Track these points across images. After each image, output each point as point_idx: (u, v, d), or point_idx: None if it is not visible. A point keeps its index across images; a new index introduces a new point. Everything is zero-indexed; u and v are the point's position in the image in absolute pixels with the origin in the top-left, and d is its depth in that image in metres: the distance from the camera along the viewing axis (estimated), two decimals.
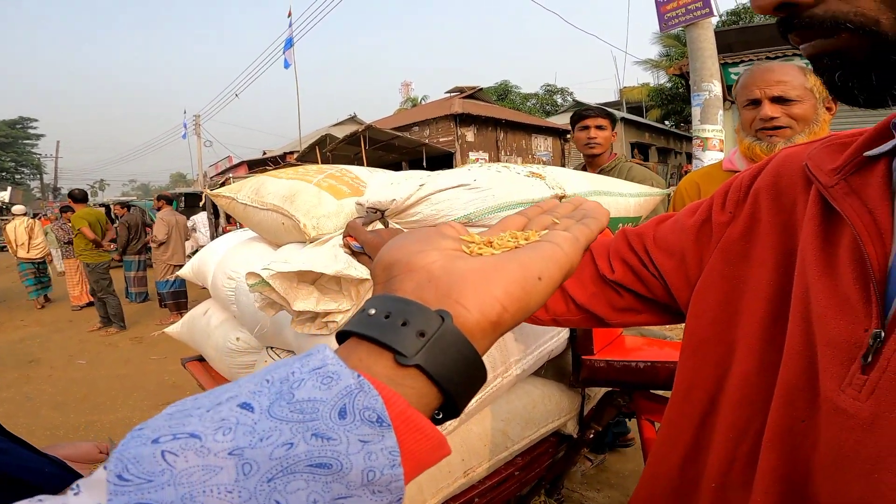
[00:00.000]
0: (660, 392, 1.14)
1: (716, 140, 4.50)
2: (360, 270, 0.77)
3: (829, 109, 1.27)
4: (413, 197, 0.86)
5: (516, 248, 0.31)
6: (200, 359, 1.83)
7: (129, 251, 6.48)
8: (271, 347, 1.46)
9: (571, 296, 0.65)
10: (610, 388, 1.20)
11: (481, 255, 0.30)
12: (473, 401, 1.00)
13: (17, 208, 7.67)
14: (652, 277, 0.59)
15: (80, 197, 5.87)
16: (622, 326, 0.68)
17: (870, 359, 0.36)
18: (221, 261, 1.60)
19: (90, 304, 6.45)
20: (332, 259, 0.76)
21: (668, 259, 0.58)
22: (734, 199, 0.54)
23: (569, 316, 0.67)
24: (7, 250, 8.20)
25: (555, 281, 0.29)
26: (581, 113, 2.20)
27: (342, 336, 0.27)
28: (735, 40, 7.35)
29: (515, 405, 1.14)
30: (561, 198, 1.05)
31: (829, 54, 0.35)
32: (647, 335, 1.33)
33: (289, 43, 14.11)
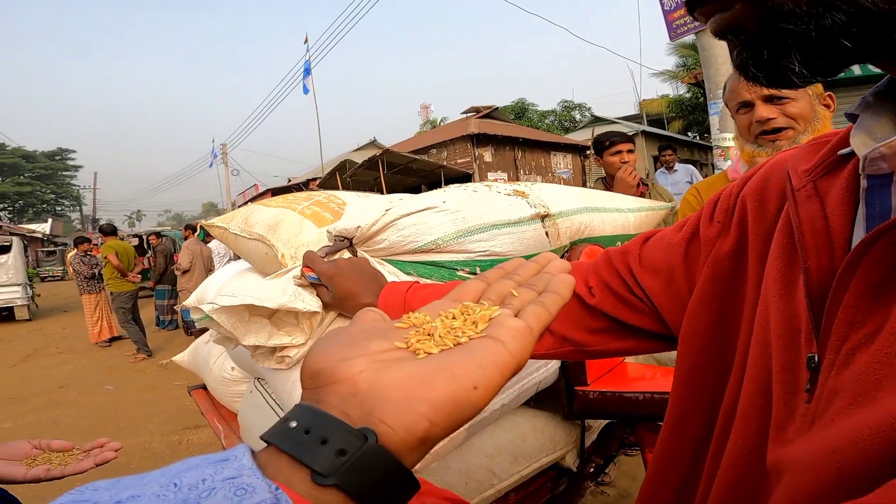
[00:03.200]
0: None
1: (737, 148, 4.36)
2: (307, 303, 0.73)
3: (827, 107, 1.19)
4: (378, 223, 0.82)
5: (457, 344, 0.29)
6: (205, 386, 1.85)
7: (164, 280, 6.72)
8: (258, 379, 1.44)
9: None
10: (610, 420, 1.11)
11: (417, 352, 0.29)
12: (446, 440, 0.93)
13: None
14: (639, 302, 0.55)
15: (108, 230, 6.25)
16: (604, 355, 0.61)
17: (808, 386, 0.34)
18: (220, 290, 1.60)
19: (114, 339, 6.64)
20: (280, 292, 0.73)
21: (655, 279, 0.54)
22: (723, 209, 0.49)
23: (542, 350, 0.62)
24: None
25: (494, 387, 0.27)
26: (611, 139, 2.37)
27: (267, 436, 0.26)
28: None
29: (501, 439, 1.07)
30: (543, 217, 0.99)
31: (731, 29, 0.31)
32: (660, 361, 1.24)
33: (306, 68, 14.55)
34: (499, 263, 0.97)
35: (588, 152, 14.36)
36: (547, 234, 0.99)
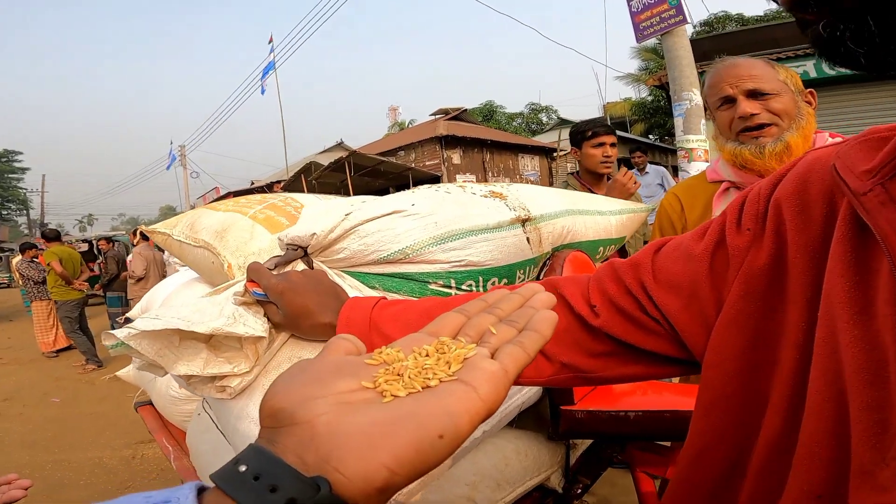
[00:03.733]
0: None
1: (700, 150, 4.44)
2: (250, 326, 0.61)
3: (808, 104, 1.15)
4: (337, 229, 0.71)
5: (426, 388, 0.28)
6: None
7: (116, 287, 6.43)
8: (206, 399, 1.31)
9: (543, 350, 0.52)
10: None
11: (384, 394, 0.28)
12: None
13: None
14: (653, 323, 0.49)
15: (51, 236, 5.96)
16: (609, 381, 0.55)
17: None
18: (164, 303, 1.47)
19: (66, 348, 6.32)
20: (216, 313, 0.61)
21: (673, 297, 0.47)
22: (752, 213, 0.44)
23: (539, 379, 0.55)
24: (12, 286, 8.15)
25: (461, 436, 0.26)
26: (594, 129, 2.10)
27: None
28: (709, 48, 7.42)
29: (484, 465, 0.97)
30: (524, 221, 0.90)
31: None
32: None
33: (269, 68, 14.18)
34: (475, 274, 0.88)
35: (555, 154, 14.54)
36: (528, 239, 0.90)
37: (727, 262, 0.44)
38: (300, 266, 0.75)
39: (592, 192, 2.10)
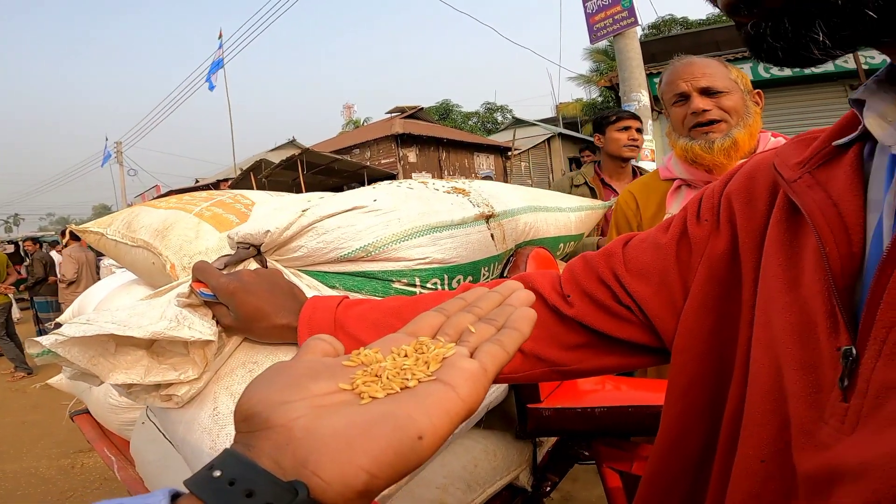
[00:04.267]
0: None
1: (647, 150, 4.62)
2: (196, 329, 0.55)
3: (756, 104, 1.21)
4: (293, 226, 0.66)
5: (405, 388, 0.28)
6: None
7: (44, 291, 5.99)
8: (150, 407, 1.22)
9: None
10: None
11: (362, 395, 0.27)
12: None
13: None
14: (626, 311, 0.51)
15: None
16: (583, 374, 0.56)
17: (846, 382, 0.31)
18: (98, 307, 1.35)
19: None
20: (157, 316, 0.55)
21: (644, 285, 0.50)
22: (708, 206, 0.48)
23: (512, 374, 0.54)
24: None
25: (441, 436, 0.26)
26: (618, 114, 2.12)
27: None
28: (658, 50, 7.78)
29: (454, 467, 0.95)
30: (488, 218, 0.88)
31: (746, 1, 0.31)
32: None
33: (218, 64, 13.55)
34: (440, 272, 0.86)
35: (509, 153, 14.76)
36: (493, 236, 0.88)
37: (690, 251, 0.48)
38: (252, 265, 0.70)
39: (608, 185, 2.12)
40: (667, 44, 8.24)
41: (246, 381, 0.67)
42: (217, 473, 0.24)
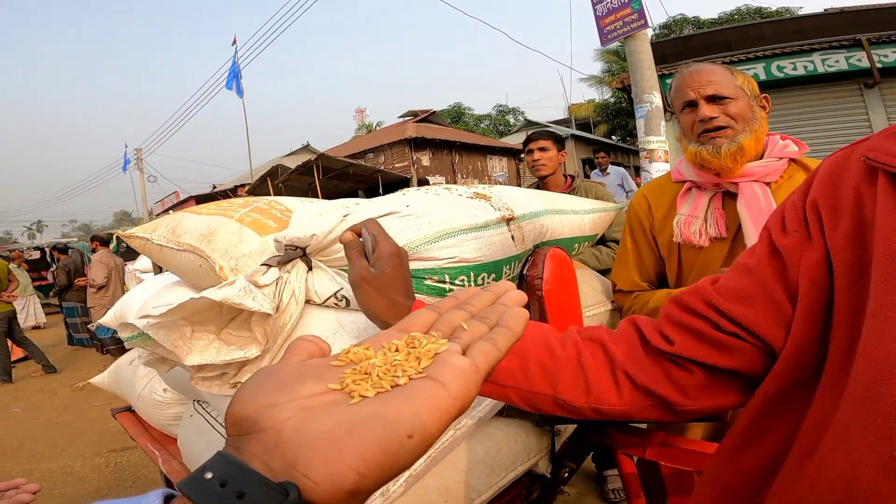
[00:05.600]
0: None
1: (661, 151, 4.63)
2: (258, 301, 0.63)
3: (762, 108, 1.25)
4: (336, 230, 0.74)
5: (395, 386, 0.27)
6: (131, 408, 1.68)
7: (70, 297, 6.16)
8: (198, 401, 1.30)
9: (628, 373, 0.53)
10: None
11: (352, 394, 0.27)
12: (422, 459, 0.87)
13: None
14: (731, 339, 0.49)
15: None
16: (700, 415, 0.55)
17: None
18: (143, 307, 1.45)
19: (21, 359, 6.05)
20: (228, 287, 0.62)
21: (746, 307, 0.49)
22: (794, 218, 0.48)
23: (622, 407, 0.54)
24: None
25: (432, 435, 0.25)
26: (527, 136, 2.28)
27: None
28: (669, 52, 7.73)
29: (477, 452, 1.02)
30: (508, 220, 0.95)
31: None
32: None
33: (233, 70, 13.81)
34: (467, 270, 0.93)
35: (522, 155, 14.79)
36: (513, 237, 0.95)
37: (784, 264, 0.48)
38: (300, 265, 0.78)
39: None
40: (678, 45, 8.17)
41: None
42: (209, 475, 0.24)
